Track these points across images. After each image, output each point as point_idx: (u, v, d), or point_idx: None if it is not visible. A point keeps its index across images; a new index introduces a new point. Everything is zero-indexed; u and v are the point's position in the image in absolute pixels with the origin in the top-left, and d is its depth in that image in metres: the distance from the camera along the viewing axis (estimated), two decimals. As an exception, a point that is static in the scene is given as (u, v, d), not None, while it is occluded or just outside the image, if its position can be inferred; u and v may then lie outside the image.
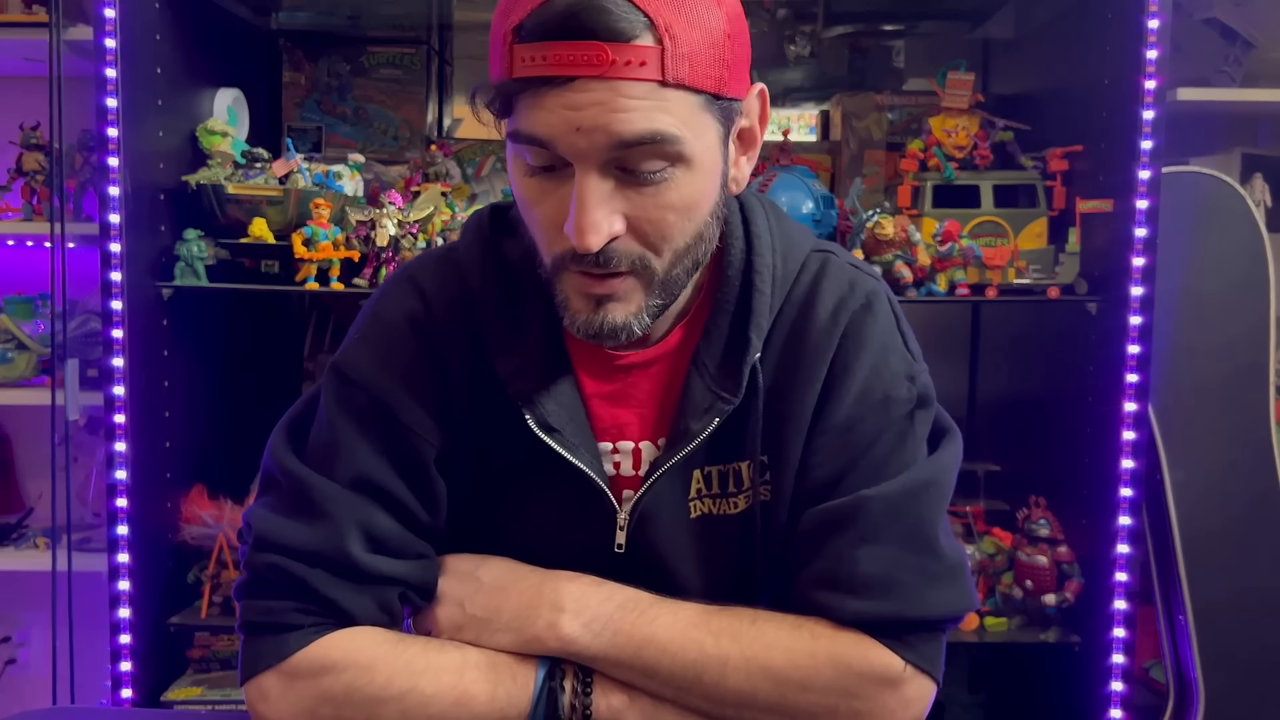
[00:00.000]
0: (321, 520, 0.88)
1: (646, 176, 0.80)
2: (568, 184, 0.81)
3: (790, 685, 0.85)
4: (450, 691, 0.86)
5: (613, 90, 0.77)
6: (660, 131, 0.78)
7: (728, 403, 0.90)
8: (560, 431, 0.90)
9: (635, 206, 0.81)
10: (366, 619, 0.89)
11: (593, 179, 0.79)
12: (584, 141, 0.78)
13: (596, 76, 0.76)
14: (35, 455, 2.42)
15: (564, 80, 0.77)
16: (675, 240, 0.84)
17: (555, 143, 0.79)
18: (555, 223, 0.82)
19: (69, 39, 1.98)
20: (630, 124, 0.77)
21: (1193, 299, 2.01)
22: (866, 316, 0.93)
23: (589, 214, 0.79)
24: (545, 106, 0.78)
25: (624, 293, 0.84)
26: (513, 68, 0.78)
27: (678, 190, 0.82)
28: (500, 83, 0.80)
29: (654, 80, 0.77)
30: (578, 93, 0.77)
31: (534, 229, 0.86)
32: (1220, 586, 1.98)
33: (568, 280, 0.85)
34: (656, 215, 0.82)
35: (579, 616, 0.87)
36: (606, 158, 0.79)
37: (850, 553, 0.87)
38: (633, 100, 0.77)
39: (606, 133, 0.77)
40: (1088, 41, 1.90)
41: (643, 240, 0.83)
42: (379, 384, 0.91)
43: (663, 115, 0.78)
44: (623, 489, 0.94)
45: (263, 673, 0.87)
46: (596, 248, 0.80)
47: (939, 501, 0.91)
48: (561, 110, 0.77)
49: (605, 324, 0.85)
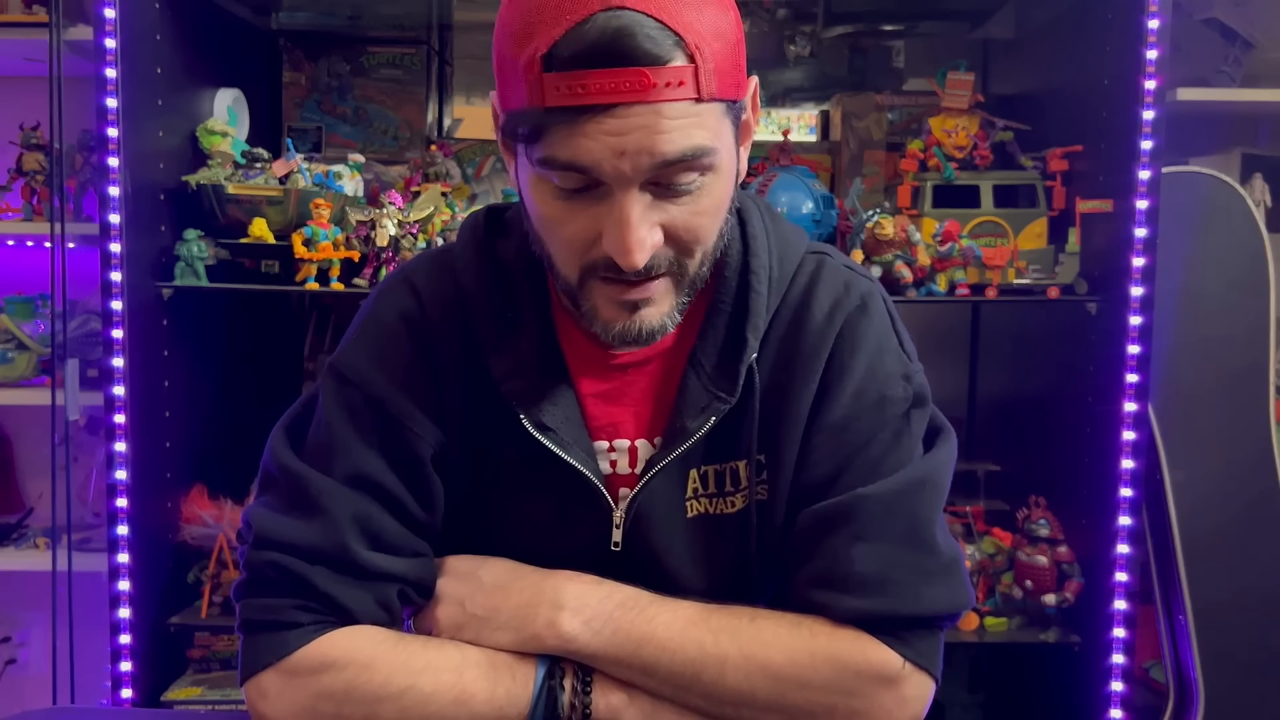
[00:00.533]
0: (320, 517, 0.88)
1: (682, 189, 0.81)
2: (600, 203, 0.81)
3: (789, 683, 0.86)
4: (450, 690, 0.86)
5: (655, 113, 0.77)
6: (699, 146, 0.80)
7: (724, 402, 0.91)
8: (555, 430, 0.91)
9: (671, 217, 0.82)
10: (366, 616, 0.89)
11: (634, 198, 0.80)
12: (628, 165, 0.78)
13: (638, 101, 0.77)
14: (35, 455, 2.42)
15: (604, 108, 0.76)
16: (707, 241, 0.86)
17: (597, 168, 0.79)
18: (586, 240, 0.83)
19: (69, 39, 1.98)
20: (673, 143, 0.78)
21: (1193, 299, 2.01)
22: (862, 317, 0.94)
23: (635, 233, 0.80)
24: (585, 134, 0.77)
25: (658, 295, 0.86)
26: (545, 96, 0.77)
27: (710, 196, 0.84)
28: (530, 112, 0.79)
29: (690, 99, 0.78)
30: (620, 118, 0.77)
31: (556, 245, 0.86)
32: (1220, 586, 1.98)
33: (597, 291, 0.86)
34: (693, 223, 0.83)
35: (579, 614, 0.87)
36: (648, 177, 0.80)
37: (846, 551, 0.88)
38: (673, 120, 0.78)
39: (651, 154, 0.78)
40: (1088, 41, 1.90)
41: (678, 246, 0.84)
42: (375, 383, 0.92)
43: (699, 130, 0.79)
44: (619, 487, 0.95)
45: (262, 671, 0.87)
46: (643, 264, 0.81)
47: (935, 499, 0.92)
48: (603, 137, 0.77)
49: (643, 329, 0.86)
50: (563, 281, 0.87)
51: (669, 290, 0.86)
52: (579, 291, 0.86)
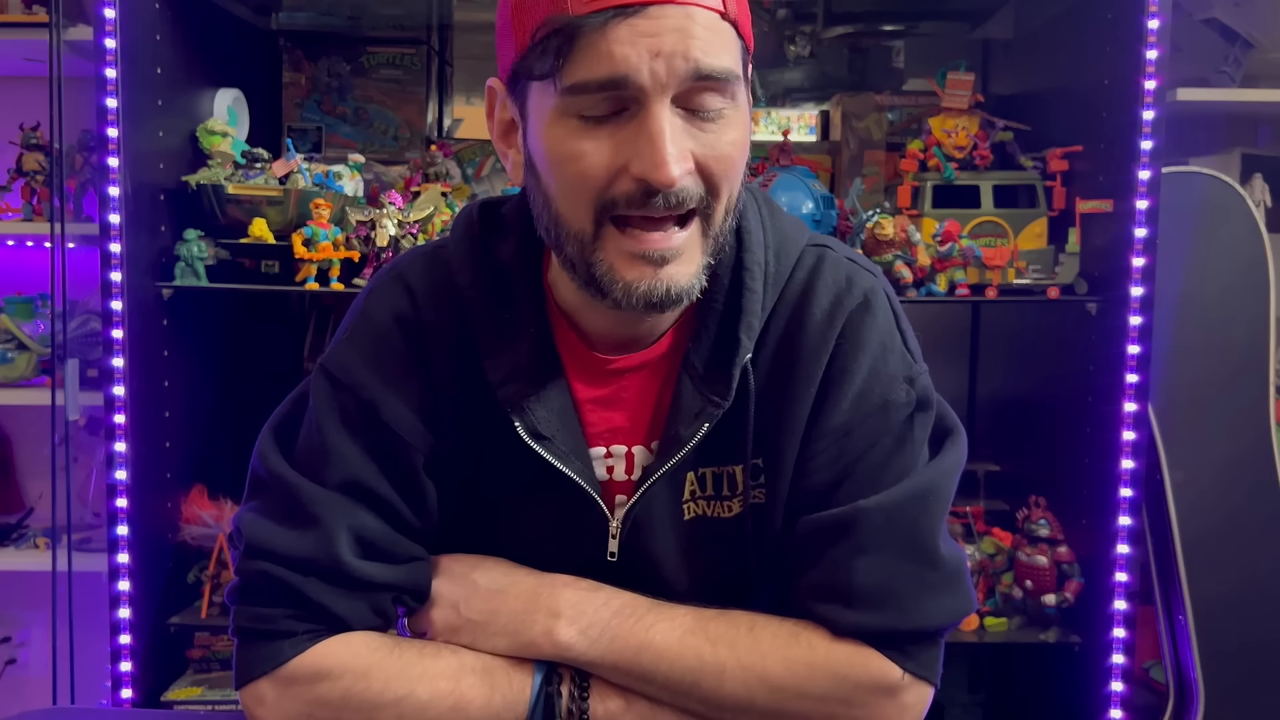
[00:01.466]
0: (312, 526, 0.87)
1: (710, 114, 0.79)
2: (625, 128, 0.78)
3: (787, 693, 0.85)
4: (447, 697, 0.86)
5: (688, 16, 0.76)
6: (728, 69, 0.78)
7: (717, 406, 0.88)
8: (550, 439, 0.88)
9: (701, 144, 0.79)
10: (360, 624, 0.88)
11: (667, 109, 0.77)
12: (664, 68, 0.76)
13: (670, 2, 0.75)
14: (35, 455, 2.42)
15: (636, 8, 0.75)
16: (733, 181, 0.83)
17: (635, 74, 0.75)
18: (607, 172, 0.79)
19: (69, 39, 1.98)
20: (707, 54, 0.77)
21: (1193, 299, 2.01)
22: (864, 316, 0.91)
23: (669, 145, 0.77)
24: (618, 39, 0.75)
25: (685, 248, 0.82)
26: (570, 5, 0.75)
27: (736, 129, 0.81)
28: (557, 27, 0.76)
29: (717, 10, 0.78)
30: (653, 20, 0.75)
31: (572, 189, 0.80)
32: (1220, 586, 1.98)
33: (613, 244, 0.81)
34: (723, 152, 0.80)
35: (575, 623, 0.87)
36: (679, 89, 0.77)
37: (847, 563, 0.86)
38: (704, 29, 0.77)
39: (686, 59, 0.76)
40: (1088, 41, 1.90)
41: (707, 179, 0.81)
42: (368, 386, 0.90)
43: (726, 53, 0.79)
44: (615, 494, 0.93)
45: (258, 679, 0.86)
46: (679, 180, 0.78)
47: (939, 508, 0.89)
48: (638, 39, 0.75)
49: (671, 288, 0.81)
50: (574, 243, 0.82)
51: (695, 245, 0.82)
52: (591, 250, 0.81)
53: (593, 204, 0.80)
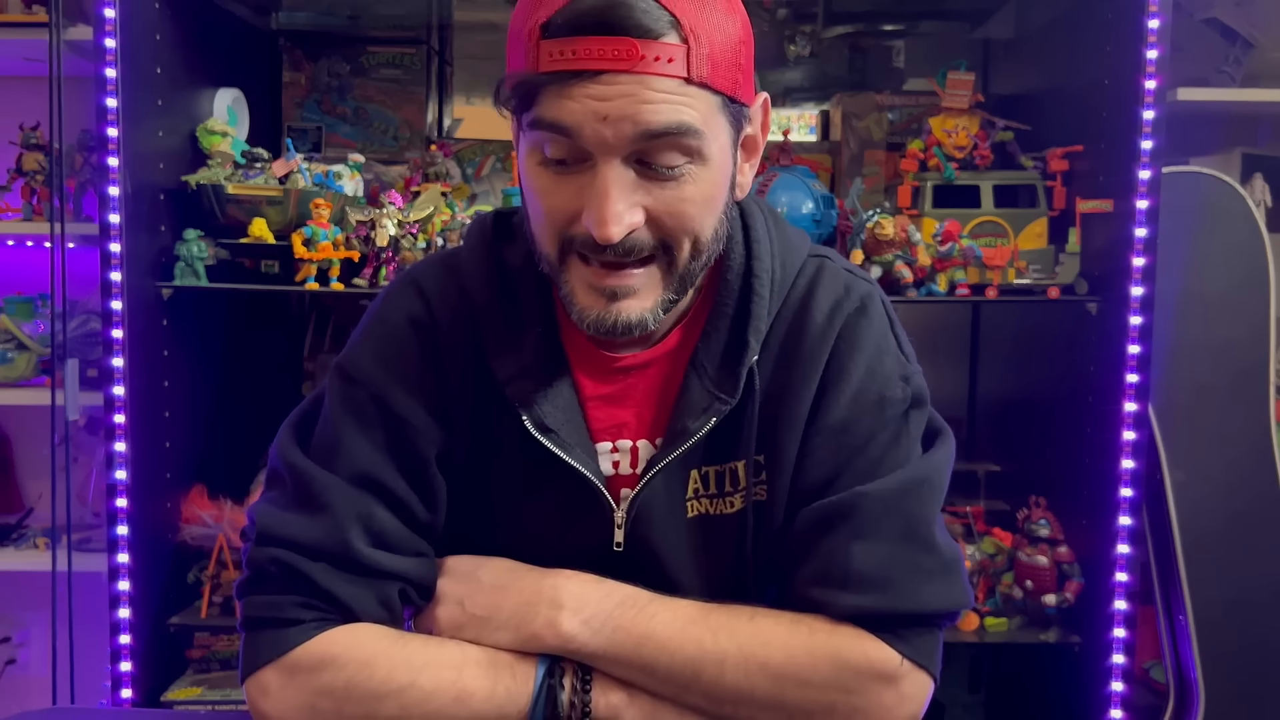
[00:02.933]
0: (323, 513, 0.89)
1: (666, 172, 0.82)
2: (583, 176, 0.82)
3: (788, 682, 0.86)
4: (450, 688, 0.87)
5: (640, 84, 0.79)
6: (685, 124, 0.81)
7: (725, 403, 0.92)
8: (556, 432, 0.91)
9: (656, 200, 0.83)
10: (367, 614, 0.89)
11: (615, 170, 0.81)
12: (610, 131, 0.79)
13: (625, 70, 0.78)
14: (35, 455, 2.42)
15: (592, 74, 0.78)
16: (694, 231, 0.86)
17: (580, 130, 0.80)
18: (566, 213, 0.84)
19: (69, 39, 1.98)
20: (657, 114, 0.80)
21: (1193, 299, 2.01)
22: (861, 319, 0.94)
23: (612, 204, 0.81)
24: (572, 97, 0.79)
25: (641, 287, 0.86)
26: (539, 62, 0.80)
27: (695, 186, 0.84)
28: (526, 77, 0.81)
29: (679, 77, 0.80)
30: (606, 85, 0.79)
31: (538, 220, 0.87)
32: (1220, 586, 1.98)
33: (575, 272, 0.86)
34: (677, 209, 0.84)
35: (578, 614, 0.88)
36: (630, 150, 0.81)
37: (845, 549, 0.88)
38: (659, 94, 0.80)
39: (634, 122, 0.79)
40: (1088, 41, 1.90)
41: (661, 231, 0.85)
42: (381, 383, 0.93)
43: (687, 110, 0.81)
44: (620, 488, 0.95)
45: (263, 668, 0.87)
46: (618, 238, 0.82)
47: (933, 499, 0.92)
48: (588, 100, 0.79)
49: (618, 321, 0.86)
50: (545, 262, 0.89)
51: (654, 283, 0.87)
52: (559, 271, 0.87)
53: (557, 238, 0.86)
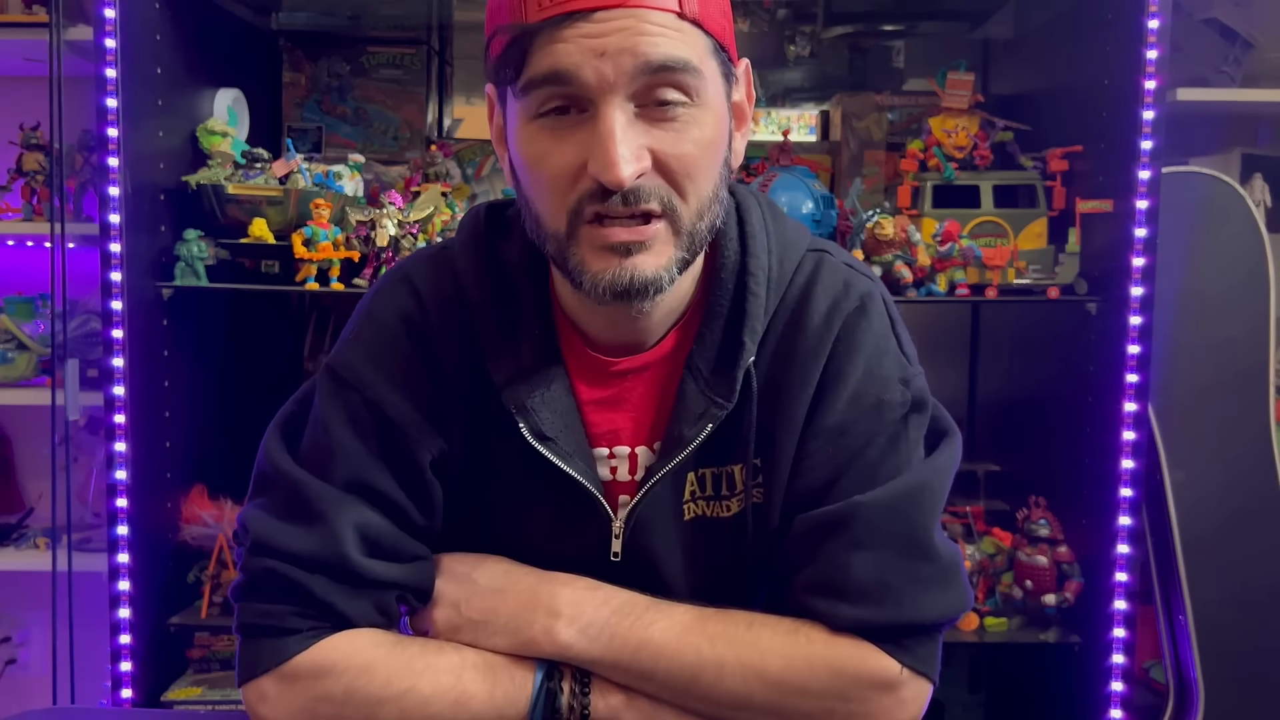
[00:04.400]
0: (318, 524, 0.87)
1: (669, 110, 0.80)
2: (584, 127, 0.80)
3: (786, 690, 0.86)
4: (449, 692, 0.86)
5: (636, 17, 0.78)
6: (683, 58, 0.79)
7: (721, 408, 0.90)
8: (554, 440, 0.90)
9: (660, 142, 0.80)
10: (364, 622, 0.89)
11: (618, 110, 0.78)
12: (610, 67, 0.77)
13: (618, 5, 0.77)
14: (35, 455, 2.42)
15: (584, 13, 0.77)
16: (699, 181, 0.83)
17: (579, 71, 0.78)
18: (570, 171, 0.80)
19: (69, 39, 1.98)
20: (656, 46, 0.78)
21: (1193, 299, 2.01)
22: (860, 319, 0.92)
23: (618, 145, 0.78)
24: (565, 39, 0.77)
25: (653, 240, 0.82)
26: (527, 13, 0.78)
27: (699, 128, 0.82)
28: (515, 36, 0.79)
29: (672, 11, 0.79)
30: (599, 22, 0.77)
31: (540, 189, 0.83)
32: (1220, 586, 1.98)
33: (585, 237, 0.82)
34: (682, 150, 0.81)
35: (575, 622, 0.87)
36: (632, 87, 0.79)
37: (844, 558, 0.87)
38: (656, 26, 0.78)
39: (634, 55, 0.77)
40: (1088, 41, 1.90)
41: (669, 178, 0.82)
42: (374, 386, 0.91)
43: (684, 45, 0.79)
44: (618, 494, 0.94)
45: (261, 675, 0.87)
46: (629, 180, 0.78)
47: (933, 505, 0.90)
48: (583, 40, 0.77)
49: (635, 277, 0.82)
50: (552, 242, 0.84)
51: (665, 240, 0.83)
52: (568, 245, 0.83)
53: (564, 204, 0.82)
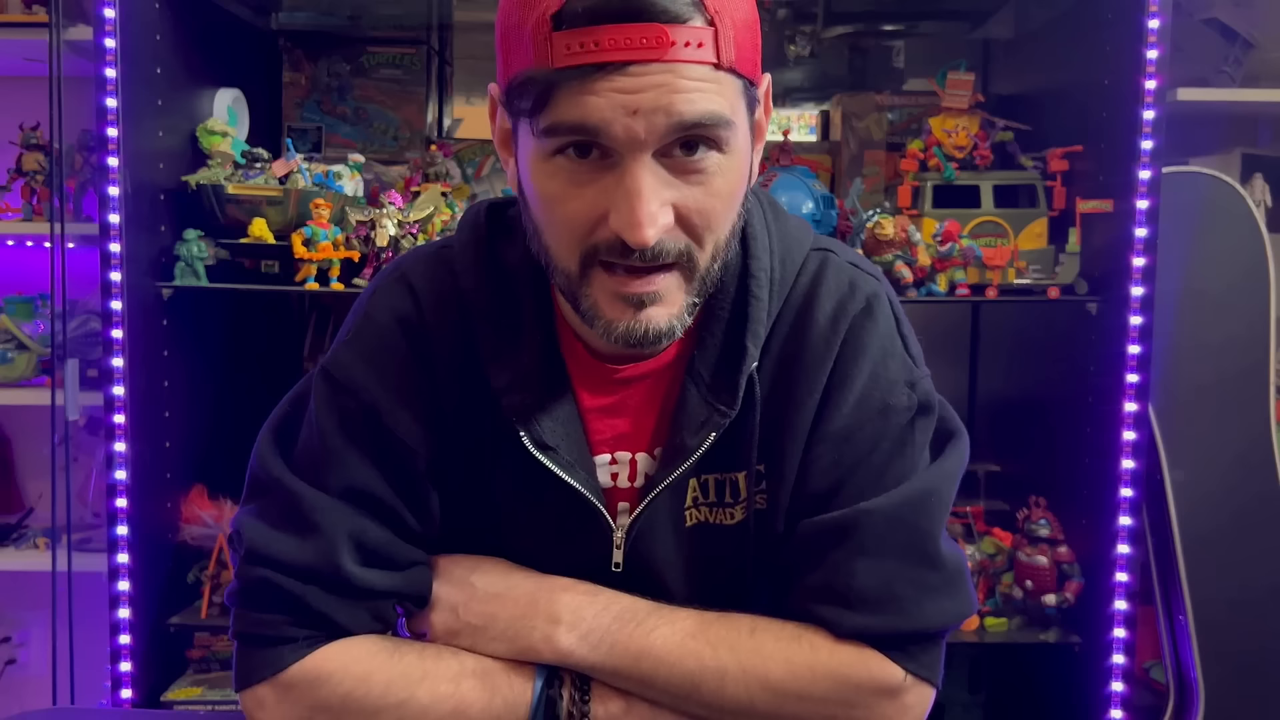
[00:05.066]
0: (313, 534, 0.86)
1: (697, 163, 0.77)
2: (606, 174, 0.76)
3: (788, 697, 0.85)
4: (447, 700, 0.85)
5: (673, 73, 0.73)
6: (718, 113, 0.75)
7: (724, 415, 0.87)
8: (556, 450, 0.87)
9: (684, 196, 0.77)
10: (360, 630, 0.88)
11: (647, 167, 0.75)
12: (641, 125, 0.73)
13: (654, 60, 0.72)
14: (35, 455, 2.41)
15: (617, 66, 0.72)
16: (718, 230, 0.81)
17: (608, 127, 0.74)
18: (589, 219, 0.77)
19: (69, 39, 1.98)
20: (692, 104, 0.74)
21: (1193, 299, 2.01)
22: (866, 321, 0.90)
23: (645, 205, 0.75)
24: (595, 92, 0.73)
25: (666, 291, 0.80)
26: (553, 57, 0.73)
27: (723, 178, 0.79)
28: (538, 75, 0.74)
29: (709, 63, 0.75)
30: (634, 77, 0.73)
31: (555, 230, 0.80)
32: (1220, 586, 1.98)
33: (598, 283, 0.80)
34: (706, 205, 0.78)
35: (575, 629, 0.86)
36: (661, 144, 0.75)
37: (848, 566, 0.86)
38: (691, 82, 0.74)
39: (668, 114, 0.73)
40: (1088, 41, 1.89)
41: (689, 231, 0.79)
42: (370, 390, 0.88)
43: (718, 98, 0.76)
44: (619, 501, 0.92)
45: (258, 684, 0.86)
46: (653, 241, 0.76)
47: (939, 511, 0.89)
48: (615, 95, 0.73)
49: (649, 329, 0.80)
50: (561, 277, 0.82)
51: (678, 287, 0.80)
52: (579, 286, 0.81)
53: (578, 247, 0.79)
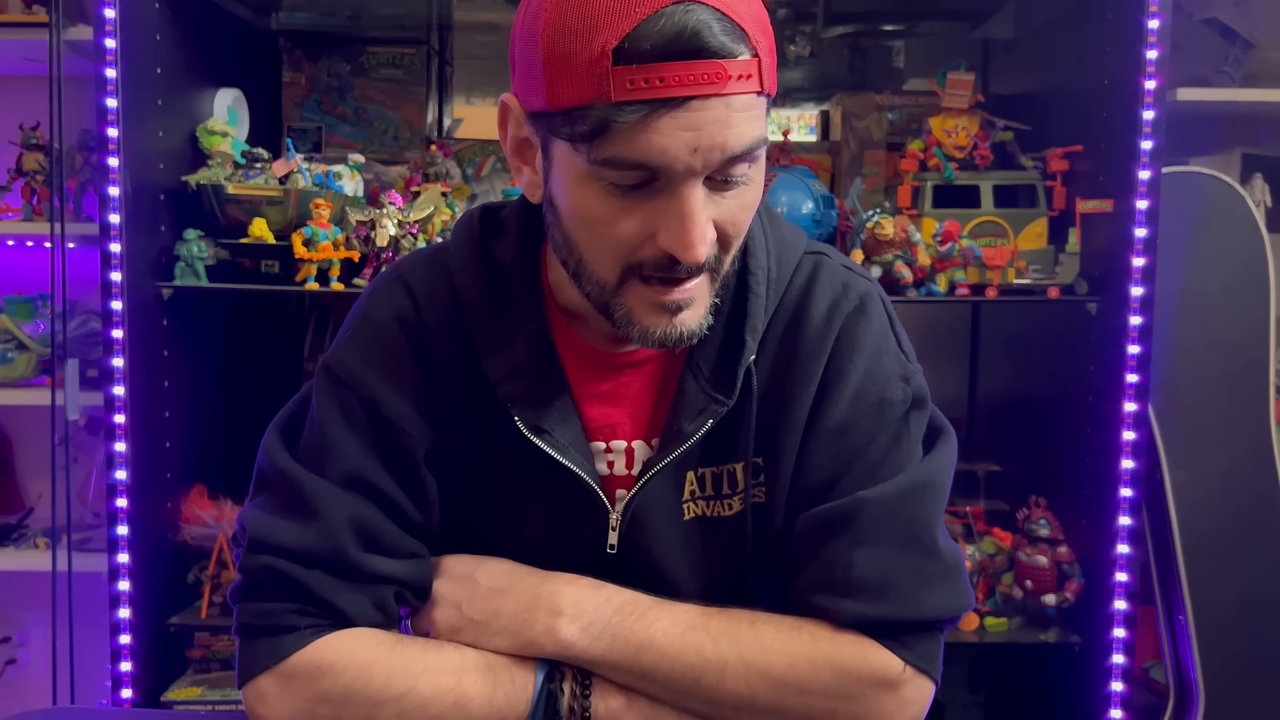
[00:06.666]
0: (315, 520, 0.88)
1: (735, 181, 0.81)
2: (653, 199, 0.79)
3: (789, 689, 0.86)
4: (449, 693, 0.86)
5: (727, 106, 0.77)
6: (760, 138, 0.80)
7: (721, 405, 0.90)
8: (550, 433, 0.90)
9: (722, 211, 0.82)
10: (363, 619, 0.89)
11: (699, 191, 0.79)
12: (700, 161, 0.77)
13: (714, 95, 0.76)
14: (35, 455, 2.41)
15: (679, 101, 0.75)
16: (743, 236, 0.86)
17: (670, 165, 0.77)
18: (637, 238, 0.81)
19: (69, 39, 1.98)
20: (741, 137, 0.78)
21: (1193, 299, 2.01)
22: (860, 318, 0.93)
23: (699, 227, 0.79)
24: (658, 130, 0.75)
25: (697, 295, 0.85)
26: (614, 91, 0.75)
27: (753, 190, 0.84)
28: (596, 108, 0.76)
29: (755, 91, 0.79)
30: (695, 112, 0.76)
31: (599, 246, 0.83)
32: (1220, 586, 1.98)
33: (635, 294, 0.84)
34: (740, 217, 0.83)
35: (577, 620, 0.87)
36: (711, 170, 0.79)
37: (847, 555, 0.87)
38: (740, 114, 0.78)
39: (723, 149, 0.77)
40: (1088, 41, 1.90)
41: (722, 240, 0.84)
42: (369, 383, 0.91)
43: (758, 123, 0.80)
44: (616, 489, 0.94)
45: (260, 675, 0.87)
46: (705, 259, 0.81)
47: (935, 502, 0.91)
48: (679, 132, 0.76)
49: (683, 331, 0.85)
50: (593, 286, 0.85)
51: (706, 290, 0.86)
52: (614, 295, 0.84)
53: (621, 262, 0.83)
